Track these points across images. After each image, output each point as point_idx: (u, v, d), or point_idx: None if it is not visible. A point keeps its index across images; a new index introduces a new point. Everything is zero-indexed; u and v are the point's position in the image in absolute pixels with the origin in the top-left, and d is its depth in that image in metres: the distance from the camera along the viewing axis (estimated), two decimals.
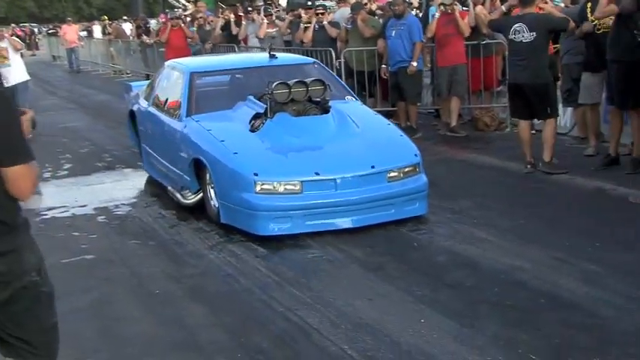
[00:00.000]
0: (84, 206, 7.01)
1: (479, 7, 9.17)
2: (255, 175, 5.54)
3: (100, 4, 32.63)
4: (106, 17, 25.90)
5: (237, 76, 7.67)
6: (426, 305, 4.45)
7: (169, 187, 6.78)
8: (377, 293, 4.73)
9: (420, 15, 10.36)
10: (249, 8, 14.00)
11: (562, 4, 8.81)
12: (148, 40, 16.81)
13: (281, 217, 5.56)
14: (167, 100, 7.28)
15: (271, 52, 7.32)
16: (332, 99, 6.70)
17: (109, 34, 22.80)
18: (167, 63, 8.43)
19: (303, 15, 11.51)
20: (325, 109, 6.43)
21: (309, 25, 10.75)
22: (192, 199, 6.27)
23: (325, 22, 10.59)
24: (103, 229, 6.34)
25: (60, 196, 7.47)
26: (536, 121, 7.34)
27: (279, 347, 4.08)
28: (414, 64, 8.71)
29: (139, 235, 6.12)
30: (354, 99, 7.41)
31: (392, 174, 5.79)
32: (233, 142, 6.02)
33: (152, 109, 7.65)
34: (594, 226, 5.75)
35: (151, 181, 7.97)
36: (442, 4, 8.88)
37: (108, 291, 5.04)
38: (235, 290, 4.96)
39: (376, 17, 10.49)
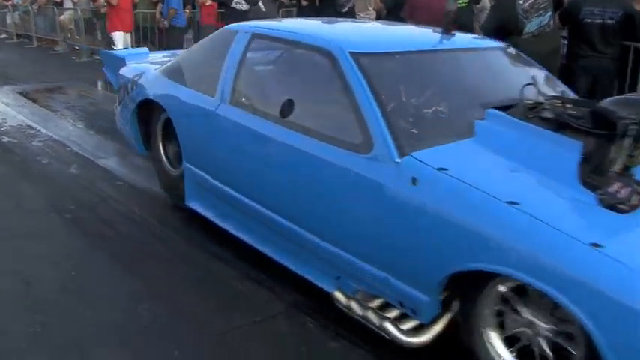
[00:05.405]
0: None
1: None
2: None
3: None
4: None
5: (413, 64, 3.13)
6: None
7: (353, 305, 2.78)
8: None
9: None
10: None
11: None
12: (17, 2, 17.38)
13: None
14: (289, 105, 2.97)
15: (448, 27, 3.41)
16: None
17: None
18: (252, 29, 3.68)
19: None
20: None
21: None
22: (421, 337, 2.59)
23: None
24: None
25: None
26: None
27: (81, 209, 4.31)
28: (165, 22, 10.30)
29: None
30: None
31: None
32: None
33: (244, 116, 3.35)
34: None
35: None
36: None
37: None
38: (52, 170, 5.18)
39: None
